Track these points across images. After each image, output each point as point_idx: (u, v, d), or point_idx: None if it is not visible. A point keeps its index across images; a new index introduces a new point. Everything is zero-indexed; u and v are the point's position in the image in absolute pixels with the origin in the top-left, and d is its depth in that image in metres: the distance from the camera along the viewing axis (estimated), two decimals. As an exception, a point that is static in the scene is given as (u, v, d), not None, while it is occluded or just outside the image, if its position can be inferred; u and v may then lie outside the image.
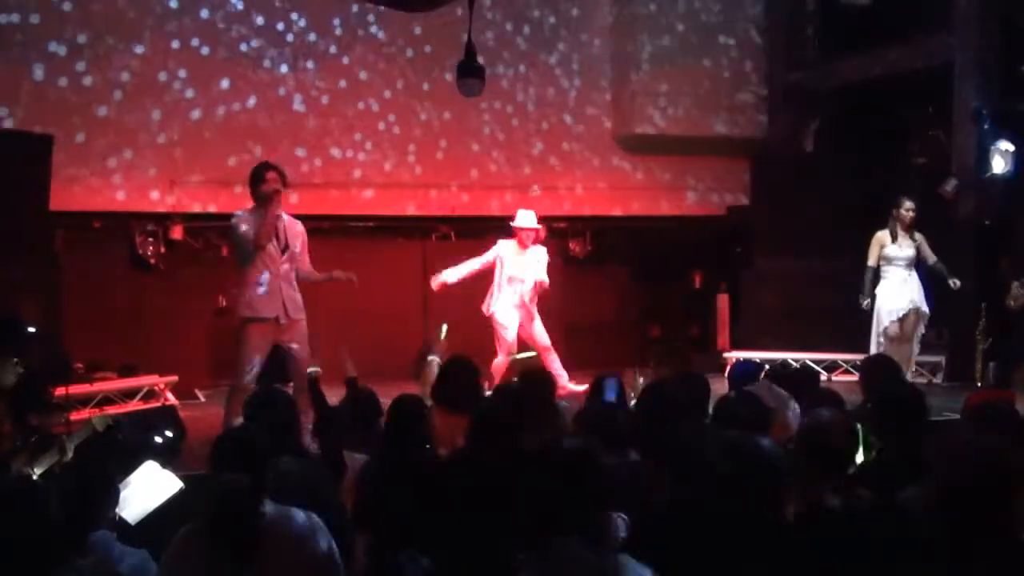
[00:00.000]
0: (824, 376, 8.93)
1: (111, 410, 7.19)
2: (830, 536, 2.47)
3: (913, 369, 8.17)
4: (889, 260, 8.00)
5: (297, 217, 6.45)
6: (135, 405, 7.85)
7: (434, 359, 5.73)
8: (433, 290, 8.08)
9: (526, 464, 2.83)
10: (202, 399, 8.75)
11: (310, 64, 9.70)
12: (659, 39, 10.79)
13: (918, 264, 8.06)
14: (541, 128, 10.72)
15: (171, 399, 8.23)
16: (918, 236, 8.05)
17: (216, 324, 9.30)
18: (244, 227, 6.10)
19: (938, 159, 9.59)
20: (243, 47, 9.43)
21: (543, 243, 8.30)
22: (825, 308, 9.44)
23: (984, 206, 8.91)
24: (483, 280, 8.62)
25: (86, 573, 2.77)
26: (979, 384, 8.04)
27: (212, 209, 9.22)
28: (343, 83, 9.84)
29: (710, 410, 4.25)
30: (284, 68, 9.59)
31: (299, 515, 2.99)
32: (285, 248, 6.19)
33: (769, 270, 9.97)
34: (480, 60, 8.37)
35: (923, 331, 8.15)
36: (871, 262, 8.07)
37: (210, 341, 9.31)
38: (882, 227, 8.12)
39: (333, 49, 9.82)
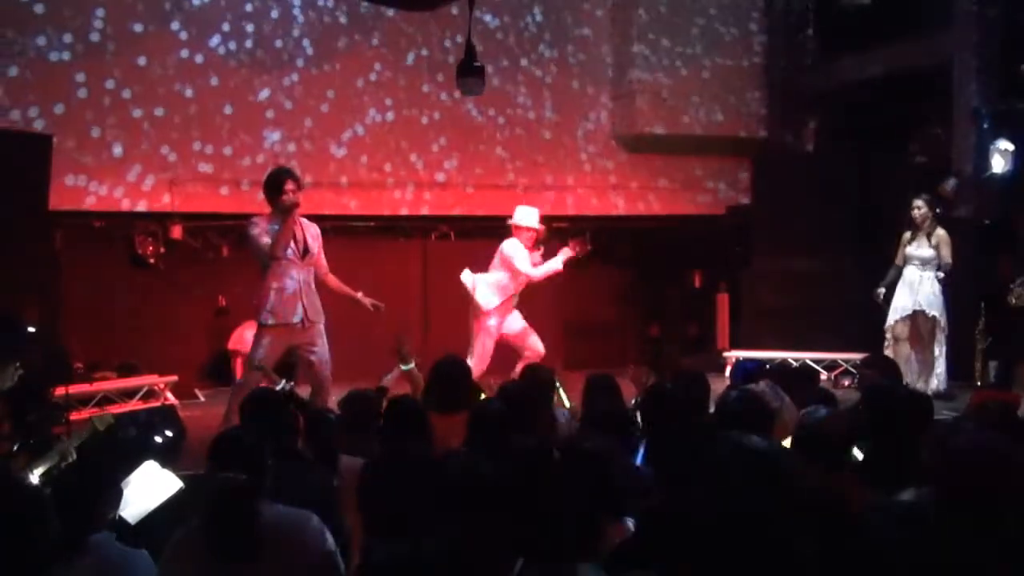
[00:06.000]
0: (824, 376, 8.93)
1: (111, 410, 7.18)
2: (833, 536, 2.47)
3: (938, 381, 7.90)
4: (908, 259, 7.98)
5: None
6: (135, 405, 7.85)
7: (411, 368, 5.51)
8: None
9: (525, 465, 2.82)
10: (202, 399, 8.76)
11: (310, 65, 9.69)
12: (659, 38, 10.80)
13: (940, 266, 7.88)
14: (541, 127, 10.72)
15: (171, 399, 8.23)
16: (937, 235, 7.88)
17: (216, 324, 9.32)
18: (260, 235, 6.09)
19: (938, 158, 9.58)
20: (244, 48, 9.41)
21: (544, 243, 7.77)
22: (825, 308, 9.43)
23: (984, 206, 8.90)
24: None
25: (85, 573, 2.77)
26: (979, 384, 8.02)
27: (212, 209, 9.21)
28: (344, 83, 9.82)
29: (710, 409, 4.24)
30: (285, 68, 9.58)
31: (299, 516, 2.98)
32: (305, 252, 6.21)
33: (769, 270, 9.95)
34: (479, 59, 8.35)
35: (942, 337, 7.89)
36: (897, 260, 8.02)
37: (210, 341, 9.32)
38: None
39: (334, 49, 9.81)
